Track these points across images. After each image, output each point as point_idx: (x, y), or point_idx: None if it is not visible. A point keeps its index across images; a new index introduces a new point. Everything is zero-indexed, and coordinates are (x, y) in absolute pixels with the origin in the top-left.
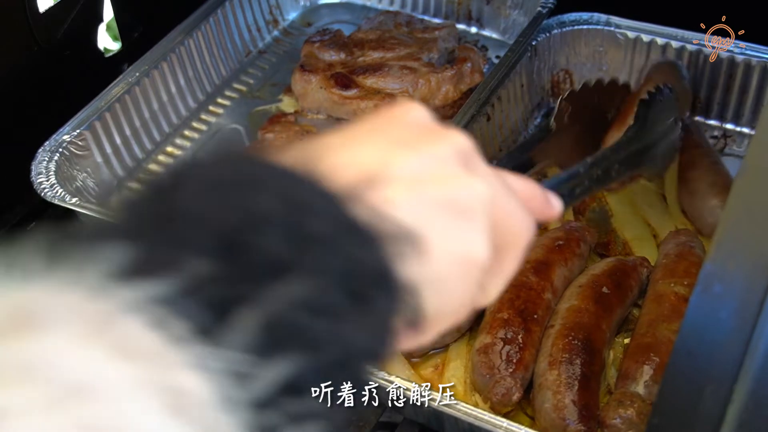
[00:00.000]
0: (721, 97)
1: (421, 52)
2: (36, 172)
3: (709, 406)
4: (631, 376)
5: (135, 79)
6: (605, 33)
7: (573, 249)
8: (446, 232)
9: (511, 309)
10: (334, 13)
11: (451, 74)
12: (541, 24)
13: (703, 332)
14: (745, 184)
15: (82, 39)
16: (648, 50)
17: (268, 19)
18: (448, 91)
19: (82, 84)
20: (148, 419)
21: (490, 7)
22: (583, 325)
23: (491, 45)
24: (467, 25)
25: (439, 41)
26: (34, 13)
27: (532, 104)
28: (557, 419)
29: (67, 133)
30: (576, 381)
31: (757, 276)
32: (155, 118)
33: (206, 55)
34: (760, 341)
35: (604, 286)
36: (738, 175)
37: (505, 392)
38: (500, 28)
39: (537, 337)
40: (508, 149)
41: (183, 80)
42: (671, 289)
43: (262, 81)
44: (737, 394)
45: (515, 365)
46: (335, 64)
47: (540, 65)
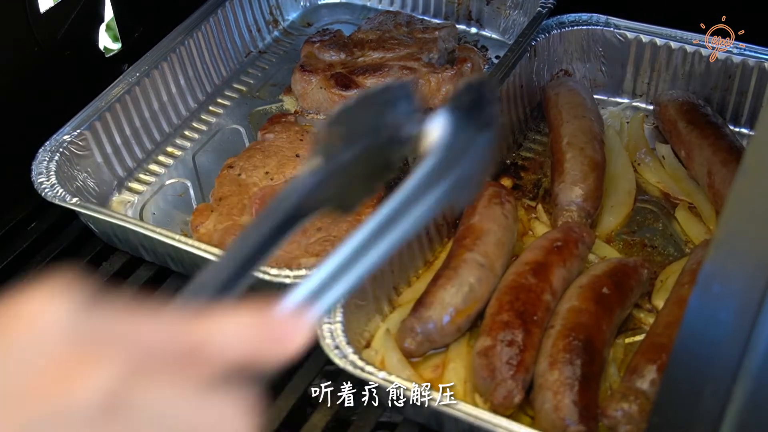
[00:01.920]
0: (720, 98)
1: (421, 53)
2: (36, 172)
3: (709, 406)
4: (639, 372)
5: (135, 79)
6: (604, 33)
7: (571, 250)
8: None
9: (510, 311)
10: (334, 13)
11: (452, 74)
12: (541, 24)
13: (702, 332)
14: (745, 185)
15: (83, 39)
16: (647, 51)
17: (268, 20)
18: (448, 91)
19: (83, 84)
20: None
21: (489, 7)
22: (584, 326)
23: (491, 45)
24: (467, 26)
25: (439, 41)
26: (35, 14)
27: (531, 104)
28: (557, 420)
29: (67, 133)
30: (576, 381)
31: (756, 276)
32: (155, 118)
33: (206, 55)
34: (760, 341)
35: (604, 286)
36: (738, 175)
37: (506, 395)
38: (500, 29)
39: (537, 338)
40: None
41: (183, 80)
42: None
43: (262, 81)
44: (737, 394)
45: (516, 368)
46: (335, 65)
47: (539, 65)
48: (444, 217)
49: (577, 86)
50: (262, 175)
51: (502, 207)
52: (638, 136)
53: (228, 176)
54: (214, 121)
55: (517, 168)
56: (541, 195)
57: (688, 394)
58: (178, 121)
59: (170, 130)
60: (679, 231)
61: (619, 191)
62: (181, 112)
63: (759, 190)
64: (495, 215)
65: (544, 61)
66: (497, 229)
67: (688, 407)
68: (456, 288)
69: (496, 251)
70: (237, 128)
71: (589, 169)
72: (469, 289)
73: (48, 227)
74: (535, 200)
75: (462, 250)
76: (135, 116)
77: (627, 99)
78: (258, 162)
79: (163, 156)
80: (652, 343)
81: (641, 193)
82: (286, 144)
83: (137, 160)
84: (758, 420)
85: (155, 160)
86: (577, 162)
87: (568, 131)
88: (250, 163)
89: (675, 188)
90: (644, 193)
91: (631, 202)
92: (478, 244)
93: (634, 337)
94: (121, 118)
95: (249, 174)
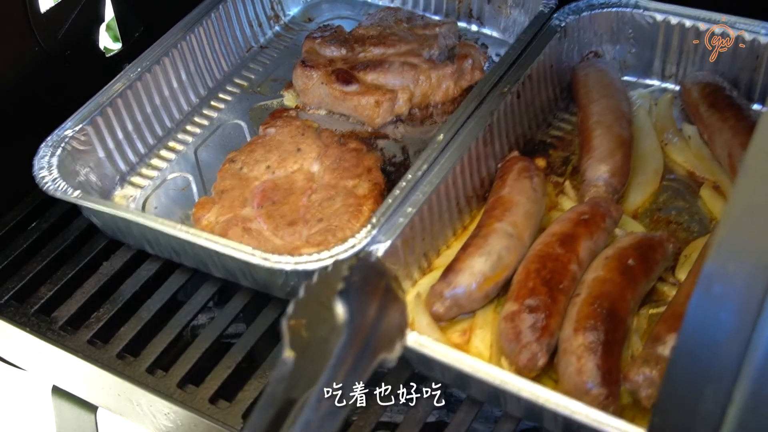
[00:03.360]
0: (747, 78)
1: (421, 49)
2: (38, 167)
3: (709, 406)
4: (661, 339)
5: (136, 74)
6: (633, 15)
7: (598, 223)
8: None
9: (537, 278)
10: (336, 8)
11: (452, 71)
12: (570, 6)
13: (703, 333)
14: (745, 186)
15: (83, 39)
16: (675, 32)
17: (269, 15)
18: (449, 88)
19: (83, 84)
20: None
21: (491, 5)
22: (608, 295)
23: (491, 43)
24: (468, 23)
25: (439, 38)
26: (36, 14)
27: (561, 85)
28: (580, 383)
29: (69, 129)
30: (600, 347)
31: (757, 276)
32: (157, 113)
33: (207, 51)
34: (760, 342)
35: (630, 258)
36: (738, 176)
37: (530, 357)
38: (500, 27)
39: (562, 305)
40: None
41: (185, 75)
42: None
43: (263, 76)
44: (737, 395)
45: (541, 332)
46: (336, 60)
47: (569, 46)
48: (474, 189)
49: (607, 67)
50: (263, 169)
51: (531, 180)
52: (666, 116)
53: (230, 170)
54: (216, 116)
55: (546, 146)
56: (569, 172)
57: (688, 394)
58: (179, 116)
59: (172, 125)
60: (703, 209)
61: (647, 170)
62: (183, 107)
63: (759, 190)
64: (524, 188)
65: (574, 42)
66: (526, 201)
67: (688, 408)
68: (485, 256)
69: (525, 222)
70: (238, 123)
71: (617, 146)
72: (498, 257)
73: (49, 226)
74: (562, 177)
75: (492, 220)
76: (137, 111)
77: (656, 80)
78: (259, 156)
79: (165, 150)
80: (674, 312)
81: (668, 172)
82: (288, 138)
83: (139, 155)
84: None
85: (157, 154)
86: (605, 139)
87: (597, 110)
88: (251, 158)
89: (700, 168)
90: (671, 172)
91: (657, 180)
92: (508, 215)
93: (657, 308)
94: (123, 113)
95: (251, 168)
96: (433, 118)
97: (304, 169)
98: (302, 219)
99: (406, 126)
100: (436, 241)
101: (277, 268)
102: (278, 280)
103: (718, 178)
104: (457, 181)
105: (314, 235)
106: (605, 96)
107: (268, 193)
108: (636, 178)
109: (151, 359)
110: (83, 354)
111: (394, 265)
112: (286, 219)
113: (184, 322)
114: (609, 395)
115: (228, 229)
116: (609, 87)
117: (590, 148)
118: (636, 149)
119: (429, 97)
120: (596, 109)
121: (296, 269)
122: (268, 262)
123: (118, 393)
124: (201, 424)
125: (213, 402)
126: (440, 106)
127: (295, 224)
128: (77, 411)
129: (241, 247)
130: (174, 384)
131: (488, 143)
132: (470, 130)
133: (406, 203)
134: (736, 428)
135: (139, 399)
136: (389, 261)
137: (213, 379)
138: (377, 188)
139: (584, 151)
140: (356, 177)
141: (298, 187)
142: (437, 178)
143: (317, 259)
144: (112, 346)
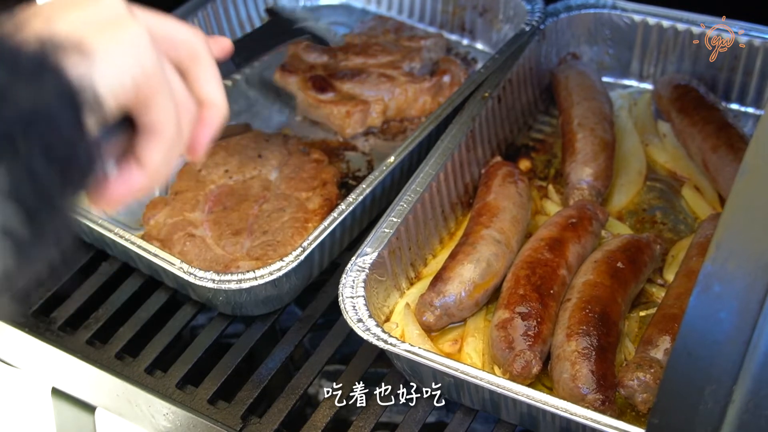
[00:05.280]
0: (726, 78)
1: (402, 61)
2: None
3: (709, 406)
4: (653, 342)
5: None
6: (611, 16)
7: (586, 226)
8: (103, 34)
9: (527, 285)
10: (334, 14)
11: (429, 86)
12: (548, 7)
13: (703, 332)
14: (745, 185)
15: None
16: (654, 33)
17: (263, 18)
18: (426, 102)
19: None
20: None
21: (483, 19)
22: (599, 299)
23: (481, 58)
24: (460, 36)
25: (423, 51)
26: None
27: (540, 87)
28: (575, 389)
29: None
30: (593, 352)
31: (757, 276)
32: None
33: None
34: (760, 341)
35: (619, 261)
36: (738, 175)
37: (525, 365)
38: (491, 42)
39: (553, 311)
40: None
41: None
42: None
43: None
44: (737, 394)
45: (533, 339)
46: (317, 67)
47: (548, 49)
48: (459, 196)
49: (586, 69)
50: (221, 173)
51: (516, 186)
52: (645, 116)
53: (188, 171)
54: None
55: (527, 149)
56: (552, 175)
57: (688, 394)
58: None
59: None
60: (687, 208)
61: (630, 171)
62: None
63: (759, 190)
64: (510, 193)
65: (552, 45)
66: (512, 206)
67: (688, 408)
68: (474, 263)
69: (512, 228)
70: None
71: (600, 148)
72: (487, 264)
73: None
74: (545, 180)
75: (479, 226)
76: None
77: (635, 81)
78: (220, 159)
79: None
80: (664, 314)
81: (651, 172)
82: (251, 144)
83: None
84: (759, 420)
85: None
86: (588, 142)
87: (579, 112)
88: (211, 160)
89: (680, 167)
90: (654, 172)
91: (641, 181)
92: (495, 221)
93: (647, 310)
94: None
95: (209, 171)
96: (406, 133)
97: (262, 176)
98: (248, 229)
99: (377, 139)
100: (422, 249)
101: (200, 284)
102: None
103: (696, 179)
104: (441, 188)
105: (255, 248)
106: (587, 98)
107: (221, 198)
108: (619, 179)
109: (149, 360)
110: (82, 354)
111: (381, 277)
112: (232, 228)
113: (183, 322)
114: (605, 400)
115: (173, 234)
116: (590, 89)
117: (573, 151)
118: (619, 150)
119: (404, 110)
120: (578, 112)
121: (220, 288)
122: (192, 277)
123: (116, 393)
124: (200, 424)
125: (212, 402)
126: (416, 120)
127: (239, 234)
128: (76, 411)
129: (168, 257)
130: (173, 384)
131: (471, 149)
132: (452, 137)
133: (389, 215)
134: (736, 428)
135: (138, 399)
136: (377, 273)
137: (212, 379)
138: (328, 204)
139: (567, 155)
140: (311, 189)
141: (252, 194)
142: (421, 187)
143: (239, 279)
144: (111, 347)
